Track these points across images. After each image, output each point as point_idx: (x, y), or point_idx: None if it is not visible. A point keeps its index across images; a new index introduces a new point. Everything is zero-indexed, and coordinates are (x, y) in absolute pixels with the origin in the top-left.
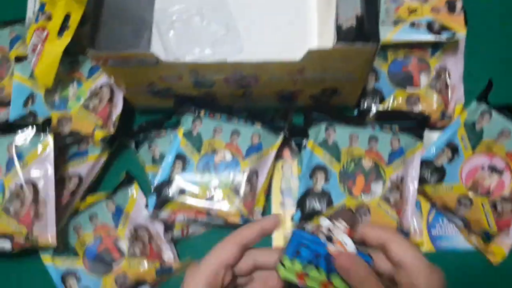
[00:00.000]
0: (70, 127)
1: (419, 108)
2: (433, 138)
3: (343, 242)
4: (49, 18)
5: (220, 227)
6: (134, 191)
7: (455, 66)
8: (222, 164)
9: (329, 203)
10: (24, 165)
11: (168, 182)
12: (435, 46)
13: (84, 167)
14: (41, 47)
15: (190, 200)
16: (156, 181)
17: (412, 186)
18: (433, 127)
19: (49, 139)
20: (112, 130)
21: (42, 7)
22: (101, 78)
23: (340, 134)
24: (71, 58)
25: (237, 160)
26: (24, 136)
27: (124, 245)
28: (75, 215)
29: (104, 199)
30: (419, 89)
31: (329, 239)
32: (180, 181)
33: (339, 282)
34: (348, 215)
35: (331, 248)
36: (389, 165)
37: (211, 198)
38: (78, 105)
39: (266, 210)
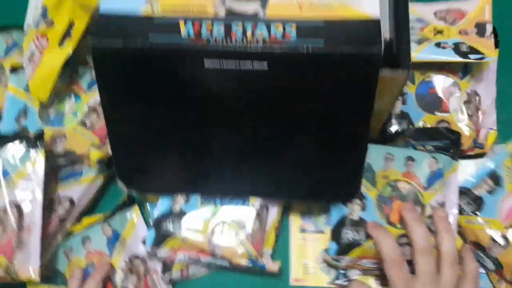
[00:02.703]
0: (63, 146)
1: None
2: (465, 167)
3: None
4: (51, 24)
5: (224, 269)
6: (134, 215)
7: (486, 90)
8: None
9: (368, 233)
10: (10, 185)
11: (168, 214)
12: (464, 71)
13: (77, 190)
14: (40, 55)
15: (192, 236)
16: (155, 213)
17: (452, 213)
18: (464, 155)
19: (40, 156)
20: (110, 151)
21: (44, 13)
22: None
23: (375, 154)
24: (70, 69)
25: None
26: (12, 151)
27: (117, 277)
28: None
29: (101, 222)
30: (449, 114)
31: None
32: (182, 214)
33: None
34: None
35: None
36: (427, 189)
37: (215, 234)
38: (74, 121)
39: (276, 252)
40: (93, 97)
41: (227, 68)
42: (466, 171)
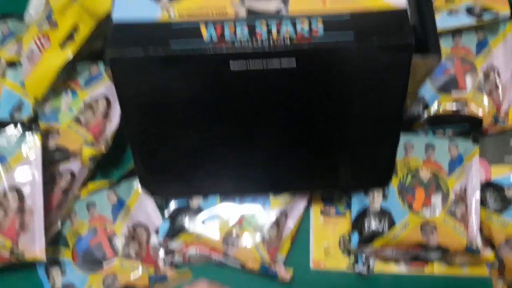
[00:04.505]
0: (56, 142)
1: (467, 112)
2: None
3: None
4: (54, 25)
5: (233, 269)
6: (139, 184)
7: (504, 64)
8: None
9: (391, 223)
10: (7, 169)
11: (185, 209)
12: (479, 45)
13: (77, 163)
14: (39, 55)
15: (207, 234)
16: (171, 205)
17: (474, 197)
18: (485, 133)
19: (36, 139)
20: (103, 148)
21: (49, 15)
22: (99, 89)
23: None
24: (68, 65)
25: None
26: (7, 136)
27: (119, 242)
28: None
29: (106, 189)
30: (466, 92)
31: None
32: (199, 210)
33: None
34: None
35: None
36: (450, 175)
37: (231, 235)
38: (69, 118)
39: (289, 258)
40: (89, 94)
41: (254, 69)
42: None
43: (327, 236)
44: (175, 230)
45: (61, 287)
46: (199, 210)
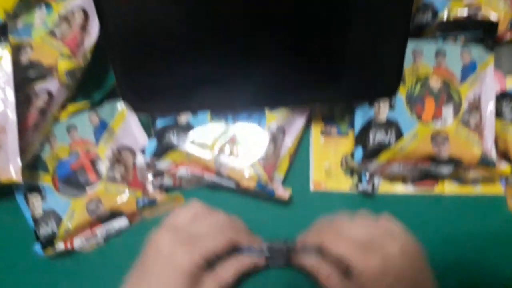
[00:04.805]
0: (29, 57)
1: (480, 17)
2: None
3: None
4: None
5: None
6: (124, 105)
7: None
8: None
9: (398, 134)
10: None
11: (173, 126)
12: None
13: (54, 82)
14: None
15: (197, 152)
16: (158, 123)
17: (489, 107)
18: (501, 40)
19: (6, 52)
20: (81, 62)
21: None
22: (75, 0)
23: None
24: None
25: None
26: None
27: (103, 166)
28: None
29: (87, 110)
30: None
31: None
32: (189, 126)
33: None
34: None
35: None
36: (462, 83)
37: (224, 153)
38: (43, 32)
39: (287, 180)
40: (65, 6)
41: None
42: None
43: (328, 157)
44: (162, 148)
45: (42, 214)
46: (188, 127)
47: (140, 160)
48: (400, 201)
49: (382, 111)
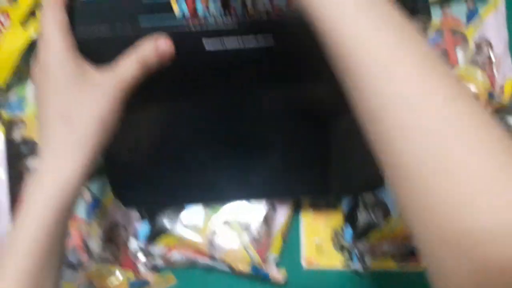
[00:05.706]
0: (22, 134)
1: None
2: None
3: None
4: (14, 1)
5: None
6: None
7: (497, 34)
8: None
9: (386, 213)
10: None
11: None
12: (470, 14)
13: None
14: None
15: (189, 235)
16: None
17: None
18: None
19: None
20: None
21: None
22: None
23: None
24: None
25: None
26: None
27: (95, 245)
28: None
29: None
30: (458, 68)
31: None
32: (180, 208)
33: None
34: None
35: None
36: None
37: (216, 235)
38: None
39: (283, 258)
40: None
41: (230, 48)
42: None
43: (319, 232)
44: (155, 232)
45: None
46: (180, 208)
47: (134, 245)
48: (394, 277)
49: None
